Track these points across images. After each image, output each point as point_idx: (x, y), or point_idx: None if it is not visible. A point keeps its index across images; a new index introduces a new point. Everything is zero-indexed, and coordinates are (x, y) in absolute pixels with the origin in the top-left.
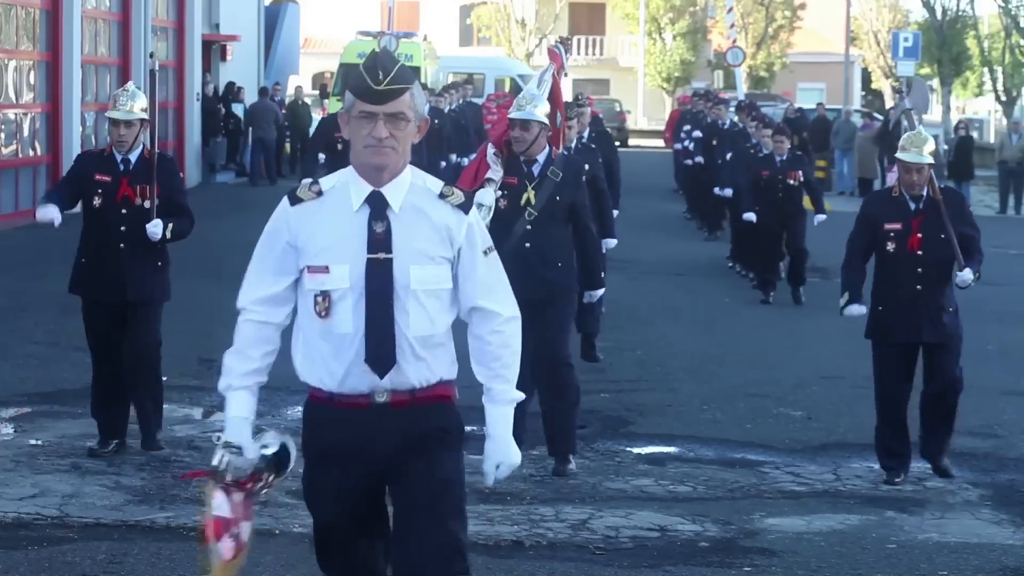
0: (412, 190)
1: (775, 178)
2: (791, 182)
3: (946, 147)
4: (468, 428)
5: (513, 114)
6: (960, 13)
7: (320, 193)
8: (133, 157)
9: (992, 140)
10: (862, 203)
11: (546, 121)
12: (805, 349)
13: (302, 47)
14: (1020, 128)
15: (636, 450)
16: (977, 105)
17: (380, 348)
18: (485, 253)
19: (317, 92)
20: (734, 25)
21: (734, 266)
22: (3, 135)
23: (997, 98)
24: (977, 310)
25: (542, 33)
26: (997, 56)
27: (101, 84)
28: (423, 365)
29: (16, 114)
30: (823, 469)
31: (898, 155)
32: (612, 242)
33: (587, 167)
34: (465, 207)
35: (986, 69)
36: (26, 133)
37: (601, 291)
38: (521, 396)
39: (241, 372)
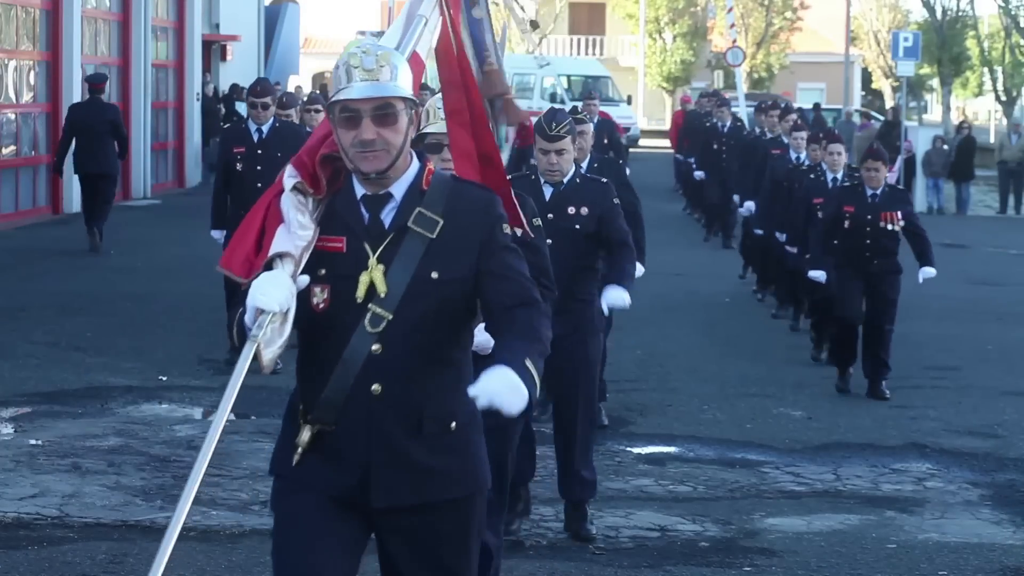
0: None
1: (863, 219)
2: (886, 226)
3: (947, 147)
4: None
5: (350, 92)
6: (960, 13)
7: None
8: None
9: (992, 140)
10: None
11: (416, 101)
12: (805, 349)
13: (302, 47)
14: (1020, 128)
15: (636, 450)
16: (977, 105)
17: None
18: None
19: (318, 92)
20: (734, 25)
21: (761, 296)
22: (3, 135)
23: (997, 98)
24: (977, 310)
25: (542, 33)
26: (997, 56)
27: None
28: None
29: (16, 114)
30: (823, 469)
31: None
32: (621, 299)
33: (584, 211)
34: None
35: (986, 69)
36: (26, 133)
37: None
38: None
39: None
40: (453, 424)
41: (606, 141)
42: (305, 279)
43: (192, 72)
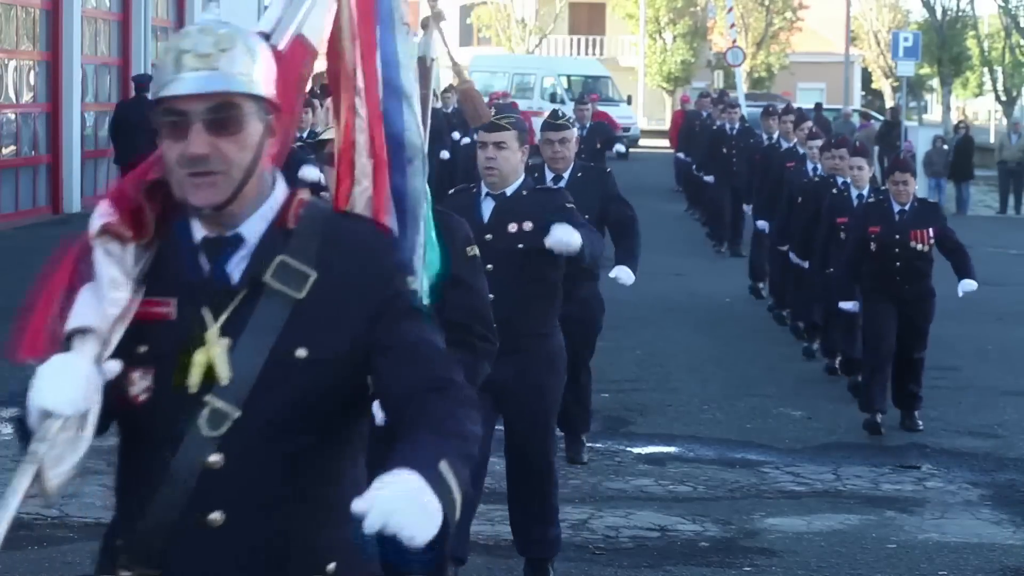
0: None
1: (891, 239)
2: (917, 246)
3: (947, 147)
4: None
5: (175, 86)
6: (960, 13)
7: None
8: None
9: (992, 140)
10: None
11: (274, 103)
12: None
13: None
14: (1020, 128)
15: (636, 450)
16: (977, 105)
17: None
18: None
19: (318, 91)
20: (734, 25)
21: (776, 312)
22: (3, 135)
23: (997, 98)
24: (977, 310)
25: (542, 33)
26: (997, 56)
27: (101, 84)
28: None
29: (16, 114)
30: (823, 469)
31: None
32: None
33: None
34: None
35: (986, 69)
36: (26, 133)
37: None
38: None
39: None
40: (332, 566)
41: (599, 145)
42: (116, 365)
43: None
